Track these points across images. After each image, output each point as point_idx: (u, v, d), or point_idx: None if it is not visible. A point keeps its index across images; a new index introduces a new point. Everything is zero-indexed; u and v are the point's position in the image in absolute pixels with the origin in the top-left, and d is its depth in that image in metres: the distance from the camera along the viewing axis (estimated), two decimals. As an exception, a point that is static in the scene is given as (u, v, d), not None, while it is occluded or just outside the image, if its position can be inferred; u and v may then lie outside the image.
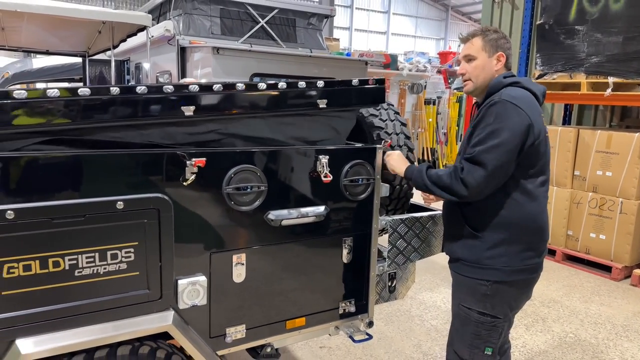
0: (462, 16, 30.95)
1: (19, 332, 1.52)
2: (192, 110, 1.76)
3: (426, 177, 2.00)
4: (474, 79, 2.10)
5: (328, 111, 2.07)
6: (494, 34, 2.10)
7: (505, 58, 2.08)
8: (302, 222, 2.00)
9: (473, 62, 2.09)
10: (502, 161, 1.85)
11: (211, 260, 1.85)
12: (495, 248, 1.98)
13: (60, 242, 1.54)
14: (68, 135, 1.63)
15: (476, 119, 1.99)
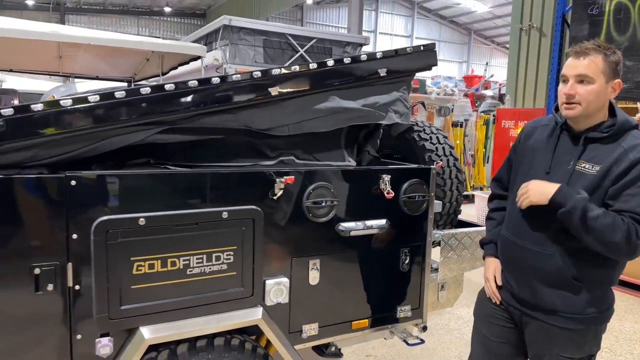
0: (484, 40, 31.26)
1: (142, 320, 1.82)
2: (277, 90, 2.03)
3: (578, 218, 1.74)
4: (584, 104, 1.81)
5: (389, 78, 2.31)
6: (615, 55, 1.82)
7: (621, 87, 1.88)
8: (367, 233, 2.28)
9: (588, 85, 1.79)
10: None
11: (292, 265, 2.14)
12: (597, 299, 1.89)
13: (177, 245, 1.85)
14: (179, 124, 1.92)
15: (624, 170, 1.76)
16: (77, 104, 1.68)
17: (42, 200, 1.65)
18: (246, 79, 2.00)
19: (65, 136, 1.69)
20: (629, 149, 1.78)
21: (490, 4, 24.99)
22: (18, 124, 1.60)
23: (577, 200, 1.74)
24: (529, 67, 7.22)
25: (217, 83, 1.93)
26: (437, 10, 28.51)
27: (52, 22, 21.30)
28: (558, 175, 1.87)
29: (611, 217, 1.72)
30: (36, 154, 1.68)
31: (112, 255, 1.74)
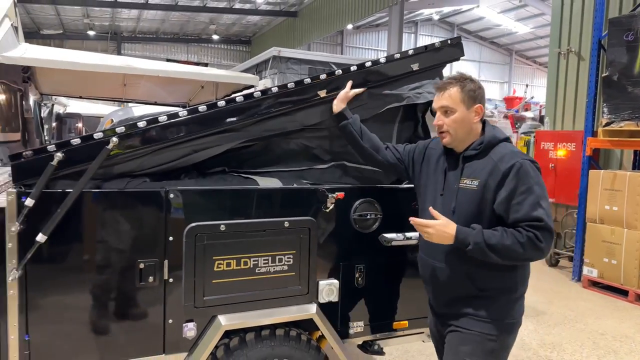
0: (526, 60, 30.93)
1: (220, 310, 2.21)
2: (324, 92, 2.43)
3: (488, 249, 1.88)
4: (452, 131, 2.05)
5: (422, 70, 2.66)
6: (471, 83, 2.05)
7: (482, 111, 2.08)
8: (406, 243, 2.59)
9: (452, 114, 2.04)
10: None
11: (341, 269, 2.48)
12: (504, 307, 2.01)
13: (249, 247, 2.24)
14: (251, 130, 2.34)
15: (500, 180, 1.93)
16: (172, 119, 2.12)
17: (147, 209, 2.08)
18: (299, 86, 2.39)
19: (164, 147, 2.13)
20: (498, 161, 1.96)
21: (532, 25, 24.87)
22: (128, 139, 2.04)
23: (475, 236, 1.90)
24: (568, 90, 7.34)
25: (276, 92, 2.35)
26: (477, 32, 28.55)
27: (110, 49, 22.90)
28: (449, 194, 2.07)
29: (510, 237, 1.86)
30: (140, 164, 2.12)
31: (198, 255, 2.14)
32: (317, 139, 2.56)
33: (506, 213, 1.92)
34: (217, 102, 2.25)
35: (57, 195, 1.91)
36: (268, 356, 2.28)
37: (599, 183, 5.90)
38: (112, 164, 2.06)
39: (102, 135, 2.00)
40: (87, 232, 2.00)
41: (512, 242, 1.85)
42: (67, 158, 1.93)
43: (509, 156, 1.95)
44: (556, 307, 5.33)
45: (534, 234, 1.85)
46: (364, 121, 2.50)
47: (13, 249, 1.85)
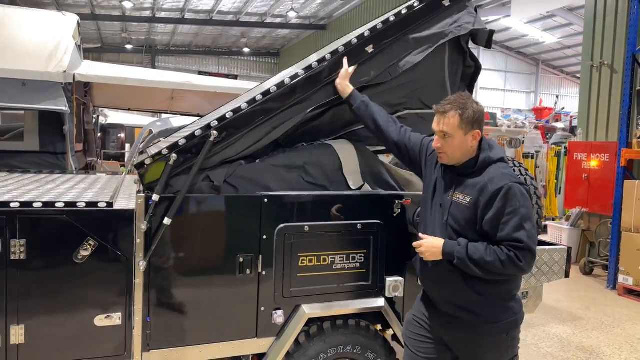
0: (553, 70, 30.70)
1: (303, 300, 2.52)
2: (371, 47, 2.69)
3: (471, 264, 2.04)
4: (449, 154, 2.16)
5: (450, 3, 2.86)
6: (471, 110, 2.10)
7: (481, 134, 2.14)
8: (463, 245, 2.87)
9: (450, 139, 2.12)
10: (537, 239, 2.08)
11: (405, 267, 2.77)
12: (502, 309, 2.14)
13: (327, 246, 2.56)
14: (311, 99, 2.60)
15: (488, 200, 2.03)
16: (250, 104, 2.44)
17: (245, 212, 2.43)
18: (346, 48, 2.64)
19: (250, 130, 2.45)
20: (489, 181, 2.06)
21: (559, 35, 24.75)
22: (223, 130, 2.37)
23: (459, 250, 2.06)
24: (601, 102, 7.48)
25: (329, 58, 2.60)
26: (503, 42, 28.52)
27: (145, 62, 23.75)
28: (444, 205, 2.20)
29: (493, 254, 2.00)
30: (236, 150, 2.44)
31: (286, 251, 2.47)
32: (380, 96, 2.75)
33: (492, 231, 2.04)
34: (284, 80, 2.54)
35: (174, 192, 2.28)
36: (343, 343, 2.59)
37: (634, 193, 6.04)
38: (213, 154, 2.40)
39: (201, 132, 2.34)
40: (196, 232, 2.36)
41: (494, 259, 2.00)
42: (179, 157, 2.29)
43: (498, 178, 2.06)
44: (593, 313, 5.49)
45: (514, 254, 1.98)
46: (417, 65, 2.76)
47: (141, 243, 2.22)
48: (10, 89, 4.44)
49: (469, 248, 2.06)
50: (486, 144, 2.18)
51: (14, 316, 2.08)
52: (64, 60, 4.94)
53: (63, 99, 4.46)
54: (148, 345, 2.27)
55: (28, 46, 5.05)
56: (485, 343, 2.17)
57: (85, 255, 2.14)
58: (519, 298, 2.24)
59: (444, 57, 2.95)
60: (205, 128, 2.36)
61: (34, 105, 4.38)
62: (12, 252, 2.05)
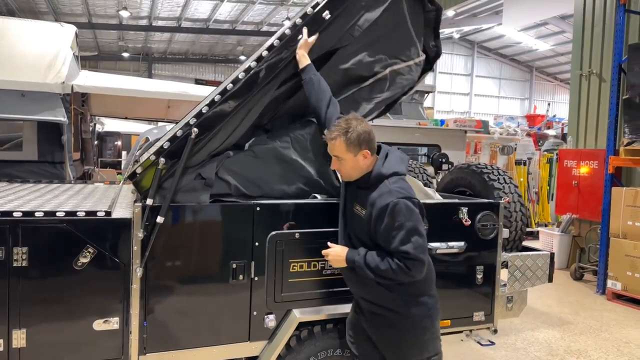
0: (547, 76, 31.06)
1: (294, 304, 2.62)
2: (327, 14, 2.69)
3: (368, 271, 2.23)
4: (345, 174, 2.38)
5: None
6: (354, 133, 2.26)
7: (370, 152, 2.30)
8: (449, 251, 2.98)
9: (342, 161, 2.32)
10: (426, 248, 2.24)
11: (393, 273, 2.87)
12: (417, 301, 2.34)
13: (317, 252, 2.64)
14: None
15: (377, 215, 2.21)
16: (223, 95, 2.47)
17: (238, 220, 2.53)
18: (304, 19, 2.65)
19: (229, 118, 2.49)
20: (378, 197, 2.24)
21: (552, 42, 25.10)
22: (203, 124, 2.42)
23: (358, 260, 2.26)
24: (590, 110, 7.64)
25: (289, 33, 2.62)
26: (497, 49, 28.88)
27: (141, 69, 23.88)
28: (347, 216, 2.43)
29: (386, 263, 2.19)
30: (220, 139, 2.50)
31: (278, 258, 2.57)
32: (350, 57, 2.80)
33: (384, 243, 2.23)
34: (250, 65, 2.56)
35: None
36: (332, 346, 2.69)
37: (621, 200, 6.18)
38: (198, 150, 2.47)
39: (182, 132, 2.41)
40: (191, 239, 2.46)
41: (386, 268, 2.19)
42: (167, 160, 2.38)
43: (386, 194, 2.22)
44: (581, 318, 5.60)
45: (404, 264, 2.17)
46: (377, 21, 2.81)
47: (138, 251, 2.31)
48: (10, 99, 4.54)
49: (366, 257, 2.26)
50: (381, 160, 2.34)
51: (16, 321, 2.17)
52: (62, 71, 5.04)
53: (61, 109, 4.56)
54: (144, 348, 2.36)
55: (27, 57, 5.16)
56: (404, 339, 2.34)
57: (85, 262, 2.23)
58: (434, 294, 2.42)
59: (402, 7, 2.97)
60: (185, 127, 2.42)
61: (33, 116, 4.47)
62: (15, 259, 2.14)
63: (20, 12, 17.05)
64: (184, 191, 2.46)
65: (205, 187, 2.50)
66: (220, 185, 2.56)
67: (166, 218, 2.35)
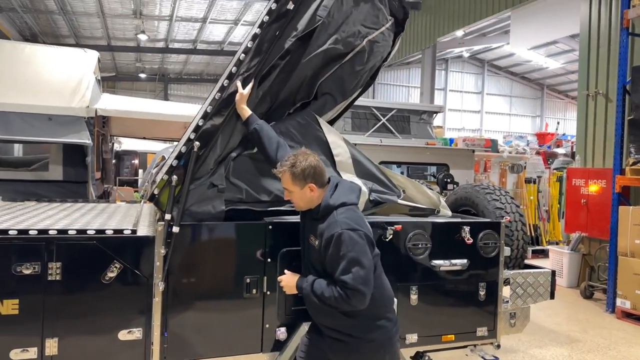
0: (558, 94, 31.05)
1: (304, 318, 2.76)
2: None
3: (314, 297, 2.34)
4: (296, 204, 2.52)
5: None
6: (299, 168, 2.39)
7: (317, 184, 2.42)
8: (452, 269, 3.12)
9: (292, 194, 2.46)
10: (369, 279, 2.28)
11: (398, 288, 3.02)
12: (376, 325, 2.43)
13: (326, 269, 2.82)
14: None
15: (325, 245, 2.32)
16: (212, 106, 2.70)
17: (252, 237, 2.72)
18: (270, 16, 2.82)
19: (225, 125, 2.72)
20: (326, 228, 2.35)
21: (562, 61, 25.19)
22: (203, 136, 2.65)
23: (306, 287, 2.39)
24: (597, 129, 7.75)
25: (259, 32, 2.80)
26: (507, 68, 29.03)
27: (157, 90, 24.49)
28: (304, 246, 2.56)
29: (330, 290, 2.29)
30: (222, 146, 2.71)
31: (289, 274, 2.74)
32: (327, 38, 2.97)
33: (331, 271, 2.34)
34: (231, 70, 2.76)
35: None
36: (340, 358, 2.82)
37: (628, 218, 6.24)
38: (203, 160, 2.68)
39: (185, 148, 2.64)
40: (207, 255, 2.65)
41: (329, 295, 2.30)
42: (179, 177, 2.60)
43: (333, 225, 2.33)
44: (590, 336, 5.64)
45: (344, 292, 2.26)
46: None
47: (160, 266, 2.51)
48: (38, 123, 4.83)
49: (314, 284, 2.37)
50: (330, 190, 2.45)
51: (50, 330, 2.36)
52: (86, 95, 5.34)
53: (86, 132, 4.83)
54: (165, 357, 2.54)
55: (53, 82, 5.47)
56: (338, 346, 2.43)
57: (112, 276, 2.43)
58: (391, 317, 2.51)
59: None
60: (187, 142, 2.64)
61: (60, 138, 4.75)
62: (49, 273, 2.35)
63: (43, 35, 17.72)
64: (199, 202, 2.66)
65: (219, 194, 2.70)
66: (233, 190, 2.76)
67: (184, 236, 2.55)
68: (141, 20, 16.17)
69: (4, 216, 3.00)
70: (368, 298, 2.30)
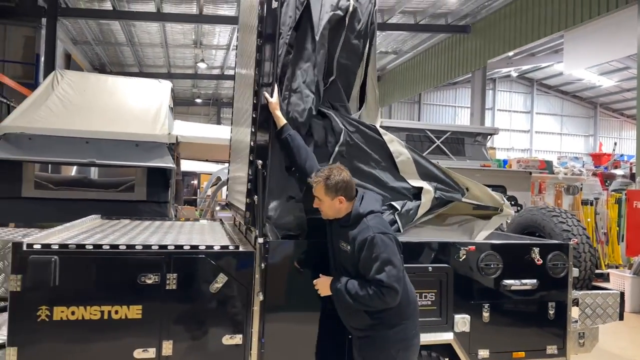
0: (612, 112, 29.98)
1: (384, 331, 3.00)
2: None
3: (348, 297, 2.58)
4: (324, 213, 2.75)
5: None
6: (333, 181, 2.63)
7: (346, 198, 2.66)
8: (523, 288, 3.27)
9: (322, 203, 2.71)
10: (400, 277, 2.55)
11: (471, 306, 3.20)
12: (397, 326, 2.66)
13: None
14: None
15: (357, 250, 2.57)
16: None
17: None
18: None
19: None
20: (358, 233, 2.59)
21: (616, 78, 24.43)
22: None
23: (340, 288, 2.61)
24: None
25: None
26: (557, 87, 28.40)
27: (211, 113, 25.62)
28: (334, 251, 2.78)
29: (364, 290, 2.52)
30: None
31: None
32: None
33: (364, 272, 2.58)
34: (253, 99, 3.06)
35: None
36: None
37: (697, 242, 6.09)
38: (273, 174, 2.98)
39: (251, 170, 2.98)
40: (300, 269, 2.93)
41: (364, 294, 2.52)
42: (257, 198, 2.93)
43: (365, 230, 2.58)
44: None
45: (379, 290, 2.49)
46: None
47: (259, 278, 2.82)
48: (126, 149, 5.35)
49: (347, 285, 2.61)
50: (358, 201, 2.70)
51: (166, 333, 2.71)
52: (166, 123, 5.86)
53: (169, 157, 5.31)
54: (262, 362, 2.83)
55: (135, 111, 6.03)
56: (382, 354, 2.63)
57: (218, 287, 2.76)
58: (414, 321, 2.72)
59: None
60: (251, 165, 2.97)
61: (145, 162, 5.24)
62: (167, 283, 2.70)
63: (111, 65, 19.10)
64: (282, 214, 2.96)
65: (297, 204, 3.00)
66: (310, 199, 2.97)
67: (279, 251, 2.86)
68: (200, 50, 17.17)
69: (115, 233, 3.43)
70: (400, 295, 2.54)
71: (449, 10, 14.65)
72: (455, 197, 3.40)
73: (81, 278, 2.64)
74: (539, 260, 3.28)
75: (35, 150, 4.96)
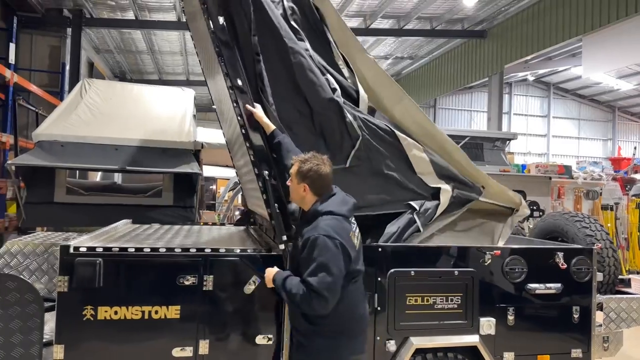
0: (631, 116, 29.57)
1: (411, 332, 3.08)
2: None
3: (284, 292, 2.52)
4: (291, 197, 2.74)
5: None
6: (307, 165, 2.59)
7: (310, 189, 2.60)
8: (547, 292, 3.32)
9: (291, 181, 2.68)
10: (333, 287, 2.41)
11: (496, 309, 3.26)
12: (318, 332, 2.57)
13: (430, 288, 3.12)
14: None
15: (301, 248, 2.51)
16: None
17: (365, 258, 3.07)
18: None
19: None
20: (307, 230, 2.52)
21: (635, 82, 24.12)
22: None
23: (277, 282, 2.57)
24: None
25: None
26: (574, 90, 28.13)
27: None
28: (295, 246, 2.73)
29: (297, 288, 2.44)
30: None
31: (397, 291, 3.08)
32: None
33: (302, 271, 2.49)
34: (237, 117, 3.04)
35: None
36: (447, 372, 3.10)
37: None
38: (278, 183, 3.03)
39: (261, 182, 2.96)
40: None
41: (296, 292, 2.45)
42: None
43: (313, 229, 2.50)
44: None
45: (308, 294, 2.41)
46: None
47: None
48: (154, 156, 5.51)
49: (286, 280, 2.54)
50: (325, 199, 2.63)
51: (202, 333, 2.83)
52: (191, 130, 6.02)
53: (195, 163, 5.46)
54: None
55: (161, 119, 6.20)
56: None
57: (252, 288, 2.88)
58: (356, 341, 2.62)
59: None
60: (259, 177, 2.96)
61: (172, 169, 5.39)
62: (204, 284, 2.83)
63: (131, 72, 19.48)
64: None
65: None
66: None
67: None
68: (219, 57, 17.40)
69: (152, 237, 3.57)
70: (330, 306, 2.43)
71: (465, 16, 14.66)
72: (473, 197, 3.48)
73: (123, 279, 2.78)
74: (563, 265, 3.33)
75: (67, 157, 5.15)
